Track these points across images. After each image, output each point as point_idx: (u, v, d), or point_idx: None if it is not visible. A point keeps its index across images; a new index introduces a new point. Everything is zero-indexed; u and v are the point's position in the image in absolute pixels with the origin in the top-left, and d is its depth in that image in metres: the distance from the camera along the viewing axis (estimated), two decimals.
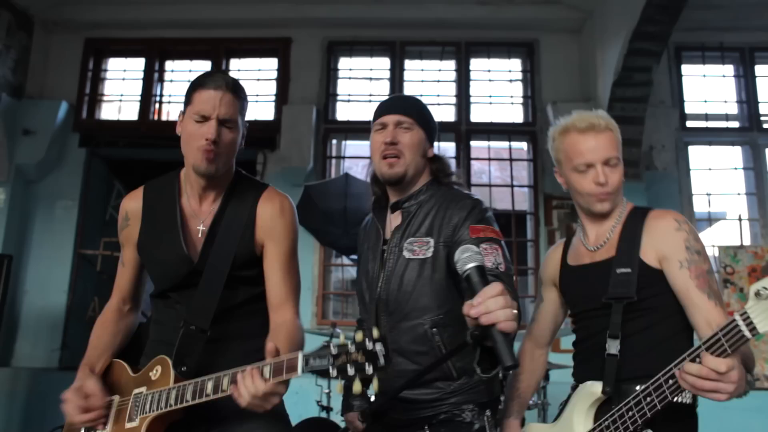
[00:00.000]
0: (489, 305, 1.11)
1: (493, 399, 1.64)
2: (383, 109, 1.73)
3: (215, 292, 1.54)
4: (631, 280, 1.52)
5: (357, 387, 1.13)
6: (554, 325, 1.86)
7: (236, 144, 1.59)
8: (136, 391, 1.49)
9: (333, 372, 1.15)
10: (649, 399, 1.35)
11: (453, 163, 1.81)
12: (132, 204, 1.68)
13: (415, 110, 1.72)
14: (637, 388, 1.42)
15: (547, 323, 1.85)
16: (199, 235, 1.60)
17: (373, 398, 1.83)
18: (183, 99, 1.61)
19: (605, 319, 1.55)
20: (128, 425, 1.44)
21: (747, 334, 1.16)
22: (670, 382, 1.31)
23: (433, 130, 1.77)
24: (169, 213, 1.62)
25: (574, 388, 1.66)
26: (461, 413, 1.56)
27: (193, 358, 1.50)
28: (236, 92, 1.56)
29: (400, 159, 1.66)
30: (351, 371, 1.13)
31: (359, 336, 1.15)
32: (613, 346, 1.51)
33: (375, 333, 1.15)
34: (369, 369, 1.12)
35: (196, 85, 1.56)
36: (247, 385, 1.26)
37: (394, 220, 1.73)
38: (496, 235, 1.57)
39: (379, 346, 1.13)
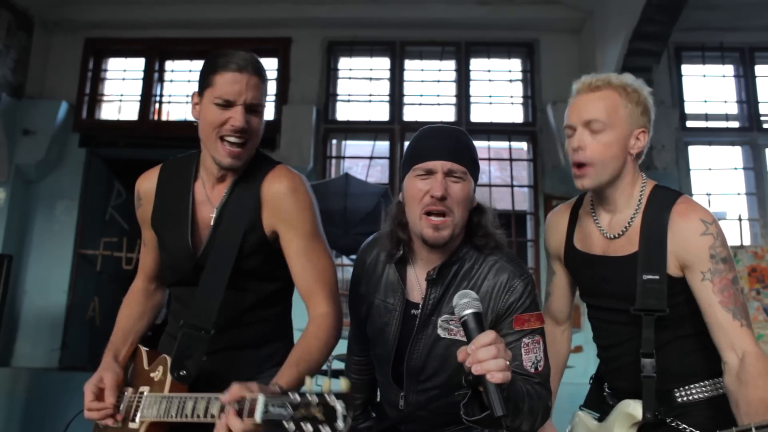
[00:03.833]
0: (479, 355, 1.10)
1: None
2: (430, 152, 1.42)
3: (218, 288, 1.42)
4: (662, 290, 1.38)
5: None
6: (570, 298, 1.73)
7: (262, 130, 1.45)
8: (141, 388, 1.46)
9: (290, 427, 0.96)
10: None
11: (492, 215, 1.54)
12: (145, 184, 1.58)
13: (467, 155, 1.45)
14: (677, 393, 1.42)
15: (562, 298, 1.73)
16: (211, 224, 1.48)
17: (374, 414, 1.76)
18: (197, 83, 1.46)
19: (631, 328, 1.44)
20: (131, 425, 1.42)
21: None
22: None
23: (479, 174, 1.53)
24: (180, 200, 1.51)
25: (594, 377, 1.64)
26: None
27: (194, 361, 1.39)
28: (261, 73, 1.42)
29: (448, 218, 1.39)
30: (309, 428, 0.95)
31: (326, 386, 0.98)
32: (648, 367, 1.39)
33: (343, 384, 0.98)
34: (326, 430, 0.94)
35: (217, 66, 1.39)
36: (228, 423, 1.09)
37: (420, 276, 1.50)
38: (540, 322, 1.42)
39: (340, 404, 0.94)
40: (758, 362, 1.27)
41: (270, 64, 5.44)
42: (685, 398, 1.44)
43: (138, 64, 5.54)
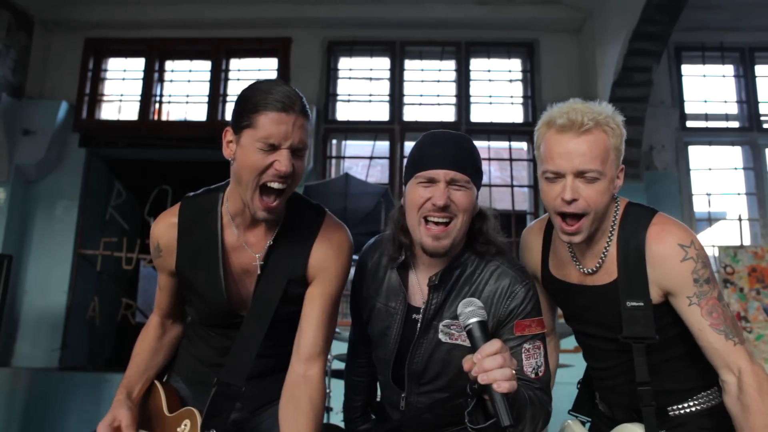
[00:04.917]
0: (486, 364, 1.11)
1: None
2: (433, 160, 1.39)
3: (254, 344, 1.40)
4: (648, 317, 1.35)
5: None
6: (552, 314, 1.71)
7: (303, 173, 1.37)
8: None
9: None
10: None
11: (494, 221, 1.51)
12: (165, 235, 1.47)
13: (471, 164, 1.41)
14: (669, 410, 1.41)
15: (544, 313, 1.67)
16: (257, 272, 1.43)
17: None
18: (232, 119, 1.35)
19: (621, 354, 1.42)
20: None
21: None
22: None
23: (481, 180, 1.49)
24: (209, 251, 1.43)
25: (582, 382, 1.64)
26: None
27: (224, 419, 1.37)
28: (306, 112, 1.33)
29: (449, 226, 1.38)
30: None
31: None
32: (646, 397, 1.36)
33: None
34: None
35: (258, 104, 1.29)
36: None
37: (422, 281, 1.49)
38: (540, 327, 1.42)
39: None
40: (755, 380, 1.28)
41: (270, 64, 5.45)
42: (679, 412, 1.43)
43: (138, 64, 5.53)
